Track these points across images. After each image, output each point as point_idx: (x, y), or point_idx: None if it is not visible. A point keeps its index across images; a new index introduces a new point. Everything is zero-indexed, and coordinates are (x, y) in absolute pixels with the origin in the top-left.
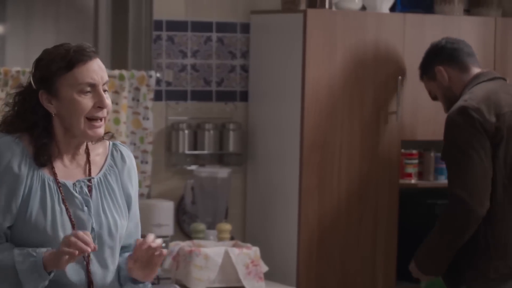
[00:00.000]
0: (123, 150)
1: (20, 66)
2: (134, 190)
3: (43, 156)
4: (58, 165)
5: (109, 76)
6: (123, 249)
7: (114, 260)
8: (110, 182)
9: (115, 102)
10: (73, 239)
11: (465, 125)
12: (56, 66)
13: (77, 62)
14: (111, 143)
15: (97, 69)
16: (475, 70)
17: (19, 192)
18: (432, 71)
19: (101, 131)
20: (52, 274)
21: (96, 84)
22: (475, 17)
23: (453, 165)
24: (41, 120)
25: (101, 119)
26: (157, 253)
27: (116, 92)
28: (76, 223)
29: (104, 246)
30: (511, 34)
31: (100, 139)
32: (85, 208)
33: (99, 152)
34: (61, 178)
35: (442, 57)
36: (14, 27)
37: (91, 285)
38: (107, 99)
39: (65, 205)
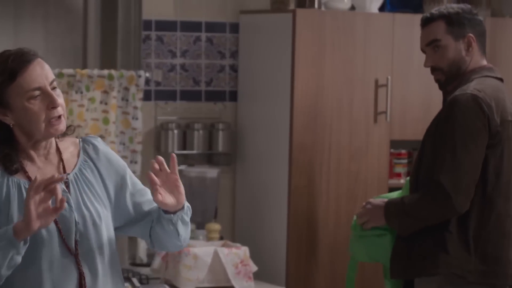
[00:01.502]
0: (93, 141)
1: None
2: (120, 172)
3: (11, 165)
4: (31, 169)
5: (99, 76)
6: (146, 217)
7: (102, 252)
8: (86, 176)
9: (104, 102)
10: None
11: (475, 116)
12: (0, 81)
13: (18, 70)
14: (80, 139)
15: (39, 72)
16: (485, 61)
17: None
18: (463, 33)
19: (61, 126)
20: (25, 246)
21: (42, 86)
22: None
23: (447, 152)
24: (0, 132)
25: (59, 117)
26: (169, 171)
27: (105, 92)
28: (59, 221)
29: (90, 238)
30: (500, 34)
31: (64, 134)
32: (65, 205)
33: (70, 150)
34: None
35: (478, 30)
36: (3, 27)
37: (83, 278)
38: (58, 96)
39: None
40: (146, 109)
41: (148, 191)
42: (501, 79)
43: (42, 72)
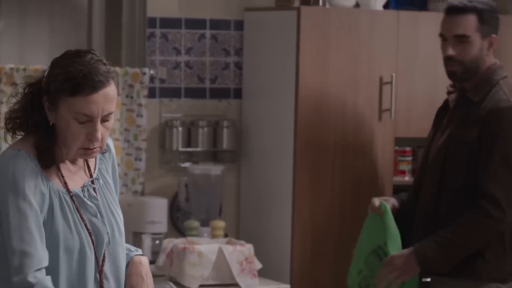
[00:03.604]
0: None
1: (14, 63)
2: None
3: (46, 159)
4: (65, 172)
5: None
6: None
7: (124, 257)
8: (104, 176)
9: None
10: None
11: None
12: (60, 86)
13: (81, 91)
14: None
15: (99, 102)
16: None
17: (43, 214)
18: (489, 33)
19: (92, 156)
20: None
21: (94, 116)
22: None
23: (501, 167)
24: (44, 120)
25: (94, 148)
26: None
27: None
28: (93, 232)
29: (118, 245)
30: (505, 31)
31: None
32: (98, 215)
33: None
34: (71, 187)
35: (498, 30)
36: (8, 25)
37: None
38: (108, 128)
39: (81, 216)
40: (150, 106)
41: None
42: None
43: (101, 104)
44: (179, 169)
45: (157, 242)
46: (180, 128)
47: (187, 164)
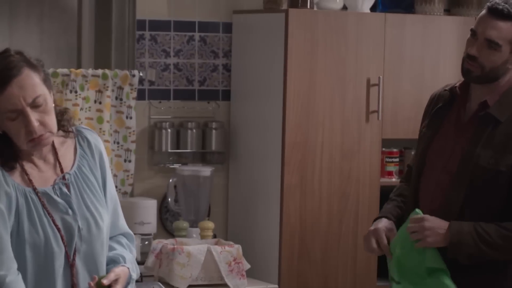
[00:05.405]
0: (88, 135)
1: None
2: (108, 175)
3: (7, 162)
4: (32, 172)
5: (93, 76)
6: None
7: (103, 252)
8: (85, 173)
9: (98, 101)
10: None
11: None
12: None
13: None
14: (74, 130)
15: (16, 93)
16: None
17: (11, 213)
18: None
19: (44, 143)
20: None
21: (20, 109)
22: (455, 17)
23: None
24: None
25: (39, 136)
26: None
27: (99, 91)
28: (63, 228)
29: (95, 240)
30: None
31: (62, 133)
32: (70, 211)
33: (66, 144)
34: (39, 185)
35: None
36: None
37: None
38: (45, 112)
39: (49, 213)
40: (140, 108)
41: (118, 213)
42: None
43: (20, 93)
44: (168, 170)
45: (146, 243)
46: (169, 130)
47: (176, 166)
